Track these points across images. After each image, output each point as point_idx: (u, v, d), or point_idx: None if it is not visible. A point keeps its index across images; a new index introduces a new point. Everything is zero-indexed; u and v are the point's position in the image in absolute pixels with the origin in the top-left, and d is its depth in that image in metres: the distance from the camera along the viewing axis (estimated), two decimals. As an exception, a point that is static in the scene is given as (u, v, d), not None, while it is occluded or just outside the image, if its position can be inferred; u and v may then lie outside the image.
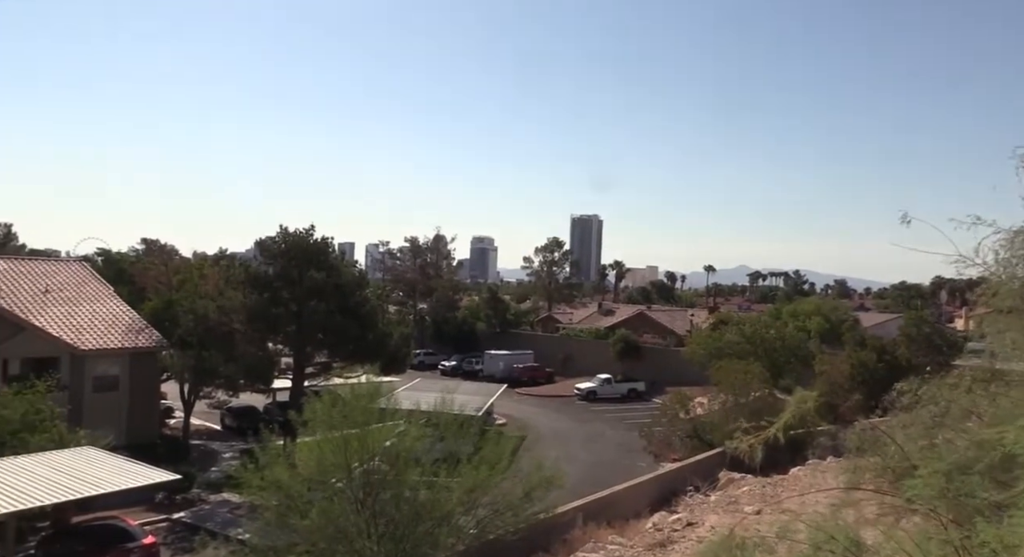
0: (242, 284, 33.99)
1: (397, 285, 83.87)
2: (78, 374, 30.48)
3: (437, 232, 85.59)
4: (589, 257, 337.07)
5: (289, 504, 15.08)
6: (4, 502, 16.88)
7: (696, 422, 32.40)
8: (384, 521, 14.89)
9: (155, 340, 33.13)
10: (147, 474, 19.97)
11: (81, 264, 40.32)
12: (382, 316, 37.15)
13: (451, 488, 15.52)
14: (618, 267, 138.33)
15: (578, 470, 29.39)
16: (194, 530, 24.44)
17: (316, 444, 15.57)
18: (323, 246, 33.95)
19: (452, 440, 16.96)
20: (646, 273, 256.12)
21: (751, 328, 44.80)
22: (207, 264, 43.95)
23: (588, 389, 56.11)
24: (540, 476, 16.53)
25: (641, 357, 62.14)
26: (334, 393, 16.88)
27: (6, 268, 34.83)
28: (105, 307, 34.43)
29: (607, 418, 48.20)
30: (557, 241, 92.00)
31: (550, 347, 70.01)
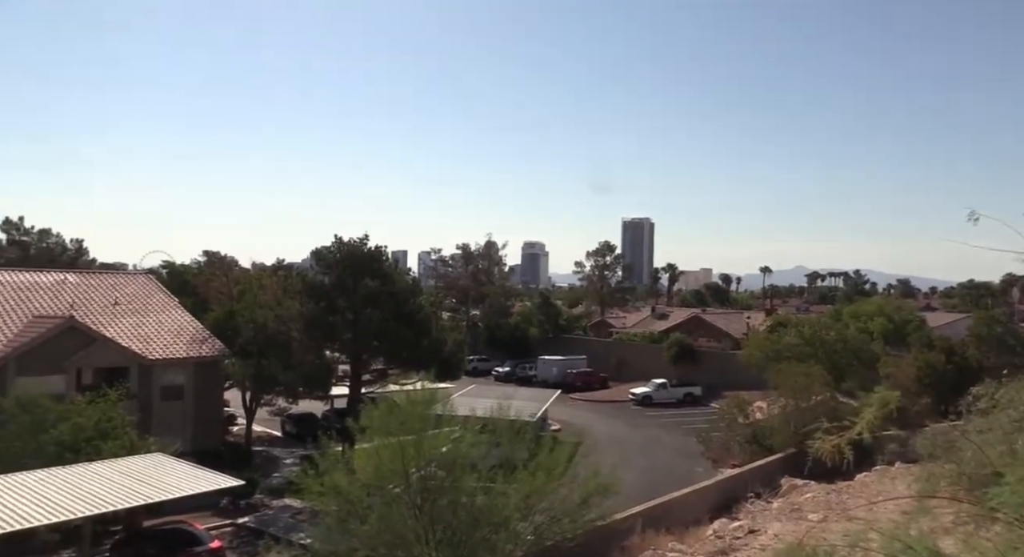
0: (299, 293, 34.71)
1: (450, 292, 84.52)
2: (146, 383, 31.57)
3: (488, 238, 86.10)
4: (641, 261, 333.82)
5: (349, 509, 15.29)
6: (81, 506, 17.57)
7: (755, 427, 31.69)
8: (442, 527, 14.96)
9: (218, 349, 34.10)
10: (213, 480, 20.52)
11: (147, 277, 41.84)
12: (436, 323, 37.45)
13: (508, 494, 15.50)
14: (671, 270, 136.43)
15: (635, 476, 29.05)
16: (258, 535, 25.00)
17: (374, 450, 15.76)
18: (377, 255, 34.43)
19: (508, 446, 16.98)
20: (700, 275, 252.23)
21: (810, 330, 43.61)
22: (266, 275, 45.04)
23: (643, 394, 55.48)
24: (597, 482, 16.39)
25: (696, 361, 61.16)
26: (390, 400, 17.06)
27: (78, 282, 36.39)
28: (170, 318, 35.62)
29: (663, 423, 47.56)
30: (608, 245, 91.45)
31: (603, 352, 69.47)
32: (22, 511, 17.06)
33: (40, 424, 22.59)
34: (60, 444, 22.10)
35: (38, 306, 32.33)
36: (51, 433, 22.28)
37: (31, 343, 28.40)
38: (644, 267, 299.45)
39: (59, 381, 28.45)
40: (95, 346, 29.98)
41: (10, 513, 16.90)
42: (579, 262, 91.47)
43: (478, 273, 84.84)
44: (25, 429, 22.40)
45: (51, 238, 69.83)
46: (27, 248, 68.10)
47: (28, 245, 68.38)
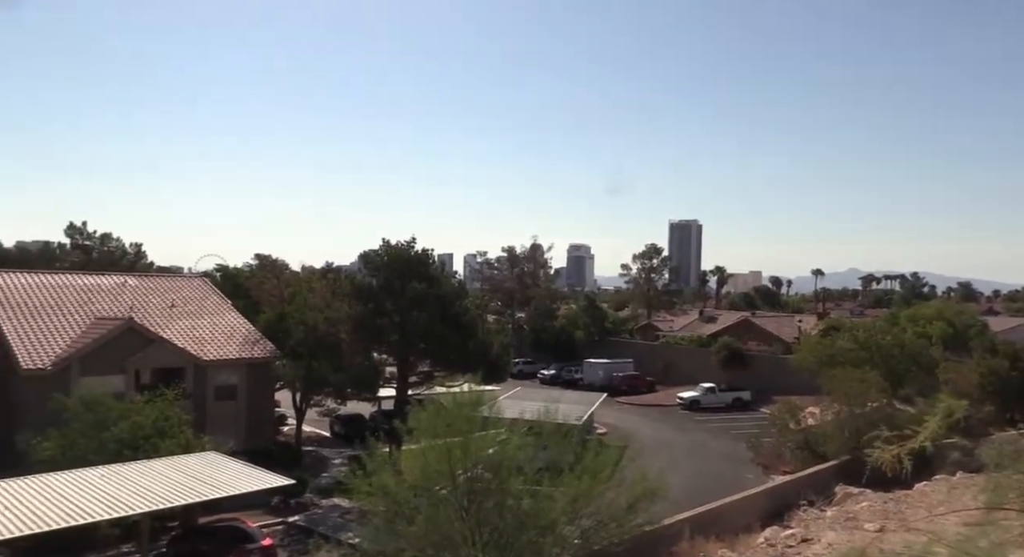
0: (348, 296, 35.22)
1: (495, 294, 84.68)
2: (201, 383, 32.40)
3: (534, 241, 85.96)
4: (688, 263, 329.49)
5: (396, 510, 15.44)
6: (140, 502, 18.13)
7: (808, 433, 30.97)
8: (488, 529, 14.99)
9: (269, 351, 34.82)
10: (265, 478, 20.94)
11: (202, 280, 43.01)
12: (482, 325, 37.57)
13: (554, 497, 15.45)
14: (719, 273, 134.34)
15: (683, 481, 28.64)
16: (308, 533, 25.42)
17: (421, 451, 15.89)
18: (424, 257, 34.73)
19: (554, 449, 16.93)
20: (749, 278, 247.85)
21: (865, 334, 42.41)
22: (315, 277, 45.83)
23: (691, 398, 54.74)
24: (644, 486, 16.22)
25: (746, 365, 60.07)
26: (437, 402, 17.18)
27: (137, 285, 37.59)
28: (224, 320, 36.52)
29: (711, 428, 46.82)
30: (655, 247, 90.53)
31: (650, 355, 68.75)
32: (85, 506, 17.67)
33: (102, 422, 23.38)
34: (120, 442, 22.85)
35: (100, 308, 33.50)
36: (112, 431, 23.05)
37: (93, 344, 29.43)
38: (691, 270, 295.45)
39: (119, 381, 29.41)
40: (153, 347, 30.90)
41: (74, 508, 17.53)
42: (625, 265, 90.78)
43: (523, 276, 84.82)
44: (88, 427, 23.21)
45: (112, 242, 72.34)
46: (90, 252, 70.65)
47: (91, 249, 70.93)
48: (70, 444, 22.77)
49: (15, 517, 16.68)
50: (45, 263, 67.66)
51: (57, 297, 33.43)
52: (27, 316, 31.11)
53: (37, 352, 29.01)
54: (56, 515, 17.04)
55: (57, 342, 30.01)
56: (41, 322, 31.06)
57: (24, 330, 30.12)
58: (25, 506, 17.39)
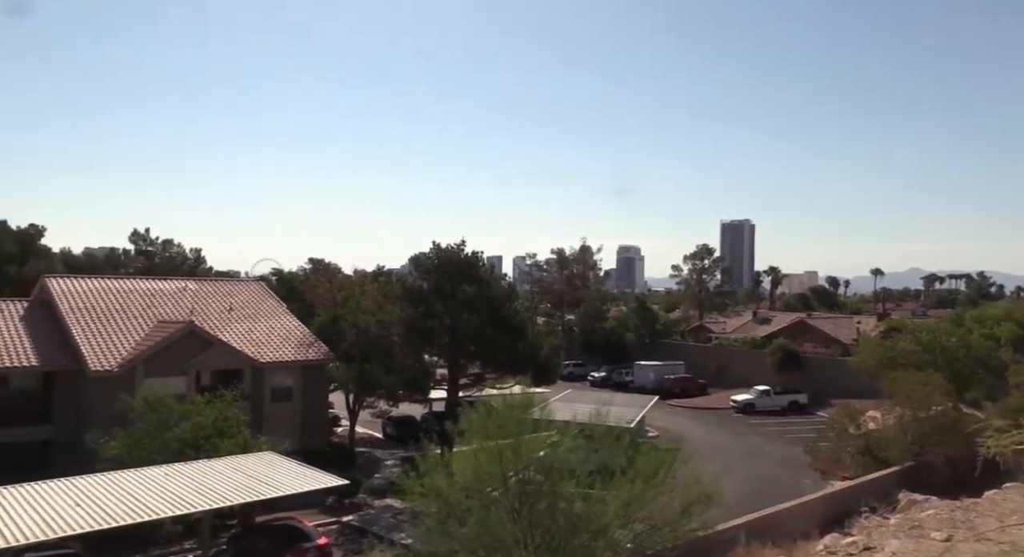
0: (399, 299, 35.65)
1: (545, 296, 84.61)
2: (258, 385, 33.20)
3: (583, 243, 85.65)
4: (741, 264, 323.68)
5: (448, 511, 15.52)
6: (201, 500, 18.66)
7: (868, 438, 30.04)
8: (540, 532, 14.95)
9: (323, 353, 35.48)
10: (320, 478, 21.31)
11: (259, 283, 44.10)
12: (531, 328, 37.58)
13: (606, 501, 15.32)
14: (773, 273, 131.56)
15: (737, 486, 28.12)
16: (361, 533, 25.80)
17: (472, 453, 15.95)
18: (473, 260, 34.92)
19: (606, 452, 16.79)
20: (804, 279, 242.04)
21: (928, 336, 40.95)
22: (367, 281, 46.52)
23: (745, 401, 53.73)
24: (698, 491, 15.95)
25: (802, 367, 58.66)
26: (488, 404, 17.23)
27: (197, 289, 38.76)
28: (280, 323, 37.37)
29: (766, 432, 45.86)
30: (707, 248, 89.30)
31: (702, 357, 67.71)
32: (150, 504, 18.27)
33: (165, 422, 24.16)
34: (182, 441, 23.56)
35: (162, 312, 34.64)
36: (175, 431, 23.79)
37: (157, 346, 30.45)
38: (744, 270, 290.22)
39: (181, 382, 30.34)
40: (212, 349, 31.80)
41: (140, 505, 18.14)
42: (676, 266, 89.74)
43: (573, 277, 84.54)
44: (152, 427, 24.01)
45: (173, 248, 74.78)
46: (152, 258, 73.18)
47: (153, 255, 73.45)
48: (135, 443, 23.58)
49: (86, 513, 17.35)
50: (111, 269, 70.34)
51: (123, 301, 34.70)
52: (95, 320, 32.37)
53: (104, 354, 30.16)
54: (123, 511, 17.65)
55: (123, 345, 31.15)
56: (108, 325, 32.28)
57: (92, 333, 31.35)
58: (94, 502, 18.07)
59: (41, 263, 59.96)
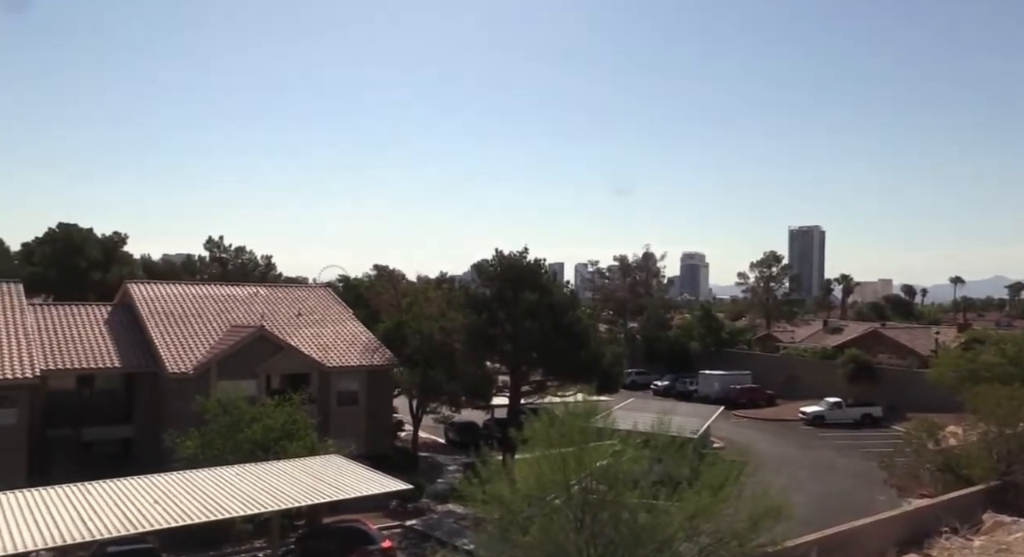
0: (462, 306, 35.95)
1: (607, 304, 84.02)
2: (325, 389, 33.98)
3: (646, 250, 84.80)
4: (810, 271, 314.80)
5: (510, 519, 15.49)
6: (271, 501, 19.19)
7: (948, 454, 28.60)
8: (603, 542, 14.77)
9: (387, 358, 36.07)
10: (385, 482, 21.63)
11: (326, 289, 45.21)
12: (594, 335, 37.33)
13: (671, 512, 15.04)
14: (845, 281, 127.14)
15: (807, 501, 27.22)
16: (424, 538, 26.05)
17: (534, 461, 15.89)
18: (536, 267, 34.94)
19: (670, 462, 16.49)
20: (878, 287, 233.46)
21: (1015, 348, 38.85)
22: (431, 287, 47.12)
23: (815, 413, 52.06)
24: (767, 504, 15.48)
25: (876, 379, 56.48)
26: (551, 411, 17.16)
27: (268, 295, 39.99)
28: (346, 328, 38.18)
29: (838, 445, 44.30)
30: (775, 255, 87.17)
31: (770, 367, 65.94)
32: (222, 502, 18.88)
33: (237, 424, 24.96)
34: (253, 442, 24.29)
35: (234, 316, 35.85)
36: (246, 432, 24.55)
37: (229, 350, 31.52)
38: (814, 278, 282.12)
39: (252, 385, 31.33)
40: (282, 354, 32.71)
41: (213, 503, 18.76)
42: (742, 273, 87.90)
43: (636, 285, 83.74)
44: (225, 428, 24.84)
45: (245, 255, 77.42)
46: (226, 264, 75.91)
47: (227, 261, 76.19)
48: (209, 443, 24.43)
49: (163, 510, 18.05)
50: (188, 275, 73.25)
51: (198, 306, 36.07)
52: (173, 324, 33.75)
53: (181, 357, 31.39)
54: (197, 510, 18.30)
55: (198, 348, 32.36)
56: (185, 329, 33.61)
57: (170, 337, 32.68)
58: (171, 500, 18.78)
59: (123, 269, 63.03)
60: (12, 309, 30.70)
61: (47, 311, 34.08)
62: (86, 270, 61.07)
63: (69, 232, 62.99)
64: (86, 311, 34.83)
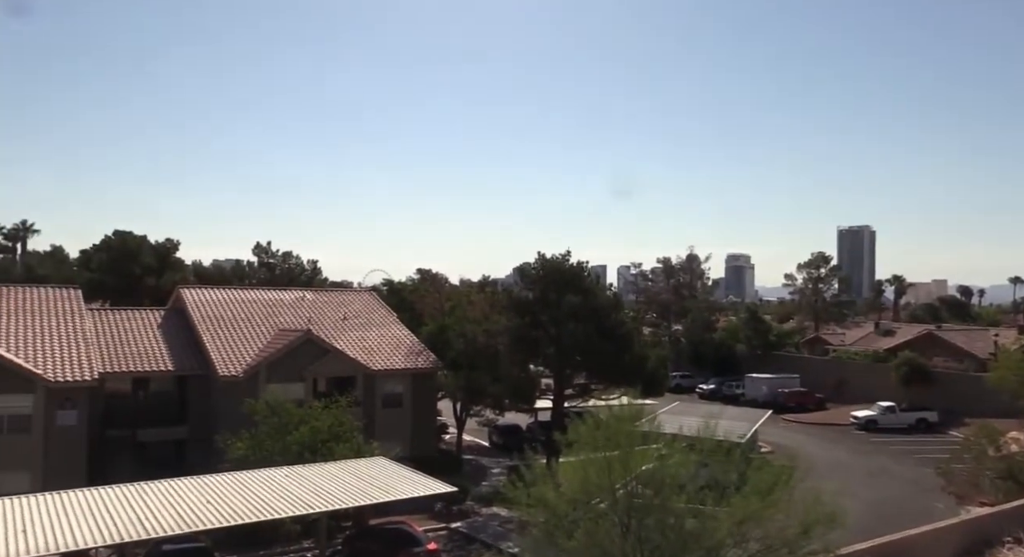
0: (505, 309, 36.03)
1: (650, 306, 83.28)
2: (370, 391, 34.39)
3: (690, 251, 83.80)
4: (861, 272, 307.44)
5: (555, 522, 15.43)
6: (319, 502, 19.49)
7: (1011, 461, 27.60)
8: (649, 548, 14.61)
9: (432, 361, 36.34)
10: (430, 484, 21.79)
11: (371, 293, 45.79)
12: (638, 338, 37.03)
13: (719, 518, 14.80)
14: (897, 282, 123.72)
15: (860, 508, 26.48)
16: (469, 540, 26.13)
17: (580, 464, 15.82)
18: (579, 270, 34.83)
19: (716, 467, 16.23)
20: (932, 288, 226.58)
21: (1080, 350, 37.29)
22: (473, 291, 47.35)
23: (867, 417, 50.72)
24: (819, 511, 15.12)
25: (931, 383, 54.77)
26: (595, 414, 17.07)
27: (314, 299, 40.67)
28: (390, 331, 38.59)
29: (891, 451, 43.08)
30: (823, 256, 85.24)
31: (819, 371, 64.52)
32: (272, 503, 19.25)
33: (285, 426, 25.44)
34: (301, 444, 24.73)
35: (282, 320, 36.55)
36: (294, 434, 25.00)
37: (277, 353, 32.14)
38: (864, 279, 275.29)
39: (299, 388, 31.88)
40: (328, 357, 33.21)
41: (263, 504, 19.14)
42: (789, 274, 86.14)
43: (680, 287, 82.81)
44: (274, 430, 25.34)
45: (292, 260, 78.92)
46: (273, 269, 77.50)
47: (274, 266, 77.79)
48: (258, 445, 24.95)
49: (215, 510, 18.48)
50: (237, 280, 74.96)
51: (247, 310, 36.88)
52: (223, 328, 34.57)
53: (231, 360, 32.12)
54: (248, 510, 18.69)
55: (247, 351, 33.08)
56: (234, 333, 34.39)
57: (220, 340, 33.48)
58: (223, 500, 19.22)
59: (176, 275, 64.84)
60: (72, 314, 31.83)
61: (104, 316, 35.25)
62: (140, 276, 63.00)
63: (124, 239, 65.06)
64: (140, 316, 35.91)
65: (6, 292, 32.56)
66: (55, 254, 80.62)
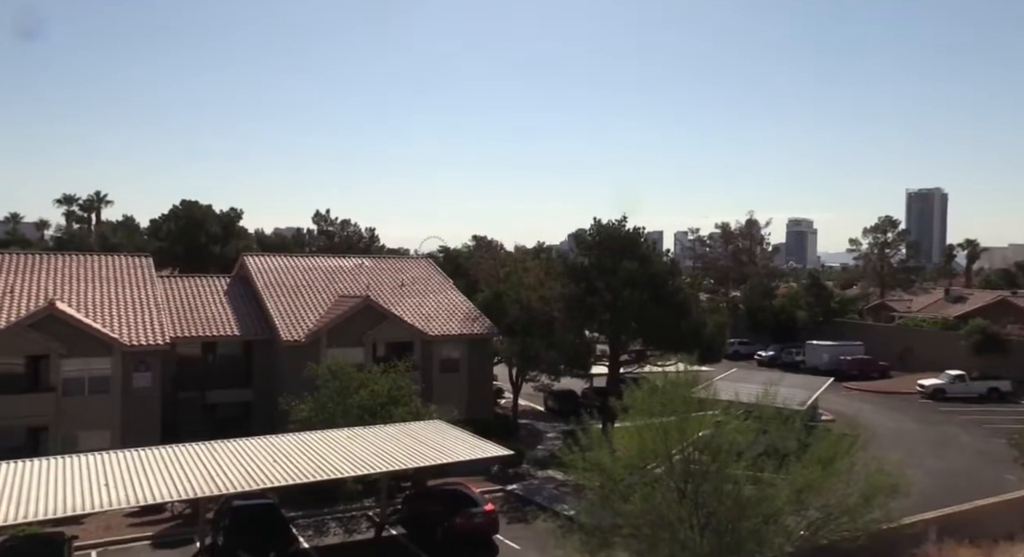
0: (561, 275, 35.94)
1: (708, 273, 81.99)
2: (427, 357, 34.96)
3: (750, 216, 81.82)
4: (930, 237, 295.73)
5: (611, 487, 15.54)
6: (380, 463, 20.05)
7: (1089, 432, 26.45)
8: (706, 513, 14.61)
9: (487, 328, 36.66)
10: (487, 448, 22.15)
11: (427, 260, 46.27)
12: (695, 305, 36.53)
13: (777, 485, 14.66)
14: (970, 247, 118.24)
15: (926, 478, 25.87)
16: (525, 502, 26.54)
17: (635, 430, 15.83)
18: (635, 236, 34.42)
19: (775, 434, 16.04)
20: (1009, 253, 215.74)
21: None
22: (529, 257, 47.34)
23: (934, 386, 49.16)
24: (882, 480, 14.84)
25: (1004, 352, 52.61)
26: (651, 381, 17.00)
27: (372, 266, 41.34)
28: (446, 298, 39.02)
29: (960, 421, 41.73)
30: (890, 220, 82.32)
31: (884, 338, 62.66)
32: (335, 463, 19.89)
33: (346, 389, 26.11)
34: (362, 407, 25.38)
35: (342, 287, 37.34)
36: (355, 397, 25.66)
37: (338, 319, 32.90)
38: (934, 244, 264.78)
39: (359, 352, 32.61)
40: (387, 323, 33.84)
41: (326, 464, 19.80)
42: (854, 239, 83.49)
43: (739, 253, 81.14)
44: (335, 393, 26.05)
45: (350, 227, 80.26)
46: (332, 237, 78.99)
47: (333, 234, 79.27)
48: (321, 407, 25.71)
49: (281, 468, 19.22)
50: (298, 247, 76.76)
51: (308, 277, 37.77)
52: (285, 294, 35.52)
53: (294, 326, 33.05)
54: (312, 469, 19.36)
55: (309, 317, 33.95)
56: (296, 299, 35.31)
57: (283, 306, 34.43)
58: (288, 460, 19.96)
59: (240, 243, 66.80)
60: (144, 282, 33.16)
61: (174, 283, 36.60)
62: (206, 244, 65.10)
63: (191, 209, 67.21)
64: (208, 282, 37.17)
65: (82, 260, 34.08)
66: (127, 224, 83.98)
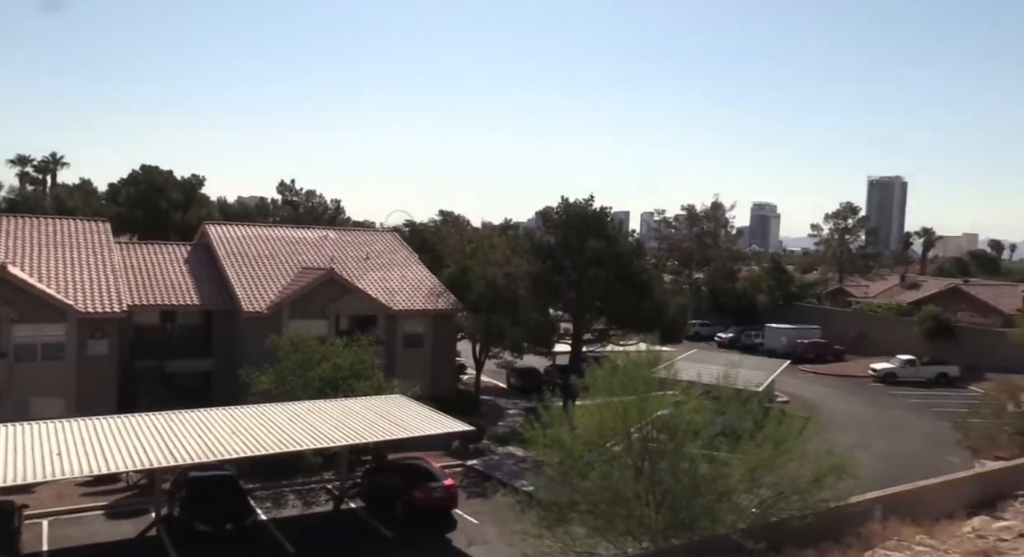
0: (527, 252, 35.96)
1: (672, 254, 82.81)
2: (391, 331, 34.83)
3: (715, 199, 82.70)
4: (889, 224, 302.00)
5: (570, 463, 15.75)
6: (341, 436, 19.99)
7: (1029, 417, 27.54)
8: (662, 490, 14.90)
9: (452, 303, 36.61)
10: (448, 423, 22.21)
11: (392, 234, 45.88)
12: (658, 285, 36.90)
13: (731, 464, 15.01)
14: (926, 235, 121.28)
15: (875, 460, 26.70)
16: (485, 478, 26.77)
17: (595, 408, 16.02)
18: (602, 216, 34.53)
19: (732, 415, 16.37)
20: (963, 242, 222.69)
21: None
22: (496, 234, 47.25)
23: (886, 370, 50.62)
24: (831, 461, 15.26)
25: (954, 338, 54.39)
26: (613, 360, 17.19)
27: (337, 238, 40.87)
28: (412, 273, 38.82)
29: (910, 404, 43.08)
30: (851, 206, 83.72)
31: (840, 322, 64.22)
32: (295, 436, 19.78)
33: (308, 362, 25.90)
34: (323, 380, 25.21)
35: (305, 259, 36.87)
36: (316, 370, 25.48)
37: (300, 291, 32.54)
38: (893, 232, 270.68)
39: (322, 325, 32.35)
40: (350, 296, 33.57)
41: (286, 436, 19.68)
42: (816, 225, 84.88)
43: (703, 235, 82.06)
44: (296, 365, 25.82)
45: (316, 198, 79.08)
46: (297, 207, 77.77)
47: (298, 205, 78.04)
48: (282, 379, 25.48)
49: (240, 440, 19.04)
50: (261, 217, 75.44)
51: (271, 248, 37.21)
52: (247, 264, 34.97)
53: (255, 296, 32.60)
54: (272, 441, 19.23)
55: (272, 288, 33.52)
56: (259, 270, 34.80)
57: (245, 276, 33.92)
58: (247, 431, 19.79)
59: (201, 211, 65.35)
60: (101, 247, 32.32)
61: (132, 249, 35.75)
62: (167, 210, 63.56)
63: (151, 174, 65.44)
64: (167, 250, 36.39)
65: (36, 223, 33.06)
66: (84, 187, 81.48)
